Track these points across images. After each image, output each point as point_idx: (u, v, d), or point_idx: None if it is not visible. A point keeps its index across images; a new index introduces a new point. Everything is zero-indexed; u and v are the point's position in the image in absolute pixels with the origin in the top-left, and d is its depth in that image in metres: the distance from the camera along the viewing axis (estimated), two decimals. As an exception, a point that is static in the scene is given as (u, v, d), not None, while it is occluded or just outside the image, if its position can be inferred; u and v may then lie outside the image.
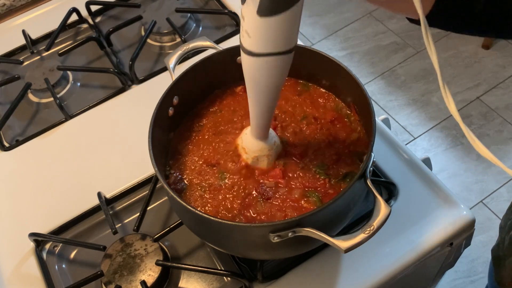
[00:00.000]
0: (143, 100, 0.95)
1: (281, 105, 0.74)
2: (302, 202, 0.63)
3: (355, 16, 2.37)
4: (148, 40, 1.05)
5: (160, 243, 0.74)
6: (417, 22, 0.54)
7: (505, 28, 0.56)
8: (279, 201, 0.63)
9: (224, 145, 0.70)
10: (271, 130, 0.66)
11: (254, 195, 0.64)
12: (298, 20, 0.50)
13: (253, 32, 0.50)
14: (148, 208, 0.78)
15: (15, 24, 1.13)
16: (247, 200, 0.64)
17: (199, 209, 0.64)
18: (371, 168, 0.59)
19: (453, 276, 1.62)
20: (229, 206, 0.64)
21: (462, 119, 0.46)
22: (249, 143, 0.66)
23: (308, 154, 0.67)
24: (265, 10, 0.48)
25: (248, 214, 0.63)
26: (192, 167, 0.69)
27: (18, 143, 0.92)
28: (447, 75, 2.10)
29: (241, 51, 0.54)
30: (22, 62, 1.04)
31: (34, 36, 1.08)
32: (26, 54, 1.07)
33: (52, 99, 0.96)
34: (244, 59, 0.54)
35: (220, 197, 0.65)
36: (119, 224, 0.80)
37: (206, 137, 0.72)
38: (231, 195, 0.65)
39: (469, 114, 1.97)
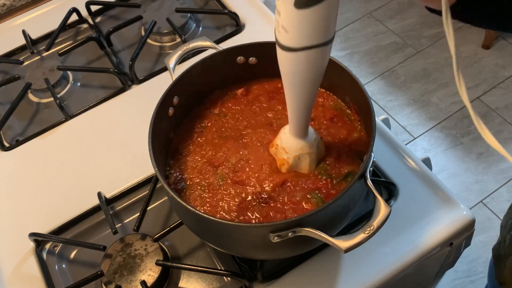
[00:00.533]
0: (143, 100, 0.95)
1: (278, 110, 0.74)
2: (304, 203, 0.63)
3: (355, 16, 2.37)
4: (148, 40, 1.05)
5: (160, 243, 0.74)
6: (437, 12, 0.52)
7: None
8: (279, 204, 0.63)
9: (228, 151, 0.70)
10: (310, 127, 0.64)
11: (254, 197, 0.64)
12: (336, 7, 0.48)
13: (291, 27, 0.48)
14: (148, 208, 0.78)
15: (15, 24, 1.13)
16: (243, 204, 0.64)
17: (198, 208, 0.64)
18: (371, 168, 0.59)
19: (453, 276, 1.62)
20: (228, 207, 0.64)
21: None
22: (289, 142, 0.64)
23: None
24: (303, 2, 0.46)
25: (247, 215, 0.63)
26: (193, 166, 0.69)
27: (18, 143, 0.92)
28: (447, 75, 2.10)
29: (277, 47, 0.52)
30: (22, 62, 1.04)
31: (34, 36, 1.08)
32: (26, 54, 1.07)
33: (52, 99, 0.96)
34: (281, 55, 0.52)
35: (219, 196, 0.65)
36: (119, 224, 0.80)
37: (210, 138, 0.72)
38: (230, 197, 0.65)
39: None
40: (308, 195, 0.63)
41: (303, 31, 0.48)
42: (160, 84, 0.78)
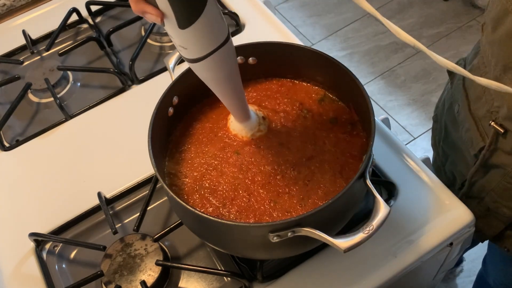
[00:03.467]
0: (143, 100, 0.95)
1: (277, 110, 0.74)
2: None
3: (355, 16, 2.37)
4: (148, 40, 1.05)
5: (160, 243, 0.74)
6: None
7: None
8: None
9: (224, 147, 0.70)
10: (251, 110, 0.69)
11: (255, 195, 0.64)
12: (217, 15, 0.53)
13: (186, 44, 0.54)
14: (148, 208, 0.78)
15: (15, 24, 1.13)
16: (244, 203, 0.64)
17: (198, 209, 0.64)
18: (371, 168, 0.59)
19: (453, 276, 1.62)
20: (229, 206, 0.64)
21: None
22: (237, 128, 0.70)
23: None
24: (183, 23, 0.51)
25: (245, 214, 0.63)
26: (192, 167, 0.69)
27: (18, 143, 0.92)
28: (447, 75, 2.10)
29: (187, 62, 0.59)
30: (22, 62, 1.04)
31: (34, 36, 1.08)
32: (26, 54, 1.07)
33: (52, 99, 0.96)
34: (193, 67, 0.59)
35: (219, 196, 0.65)
36: (119, 224, 0.80)
37: (207, 137, 0.72)
38: (230, 196, 0.65)
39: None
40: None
41: (197, 43, 0.54)
42: (160, 84, 0.78)
